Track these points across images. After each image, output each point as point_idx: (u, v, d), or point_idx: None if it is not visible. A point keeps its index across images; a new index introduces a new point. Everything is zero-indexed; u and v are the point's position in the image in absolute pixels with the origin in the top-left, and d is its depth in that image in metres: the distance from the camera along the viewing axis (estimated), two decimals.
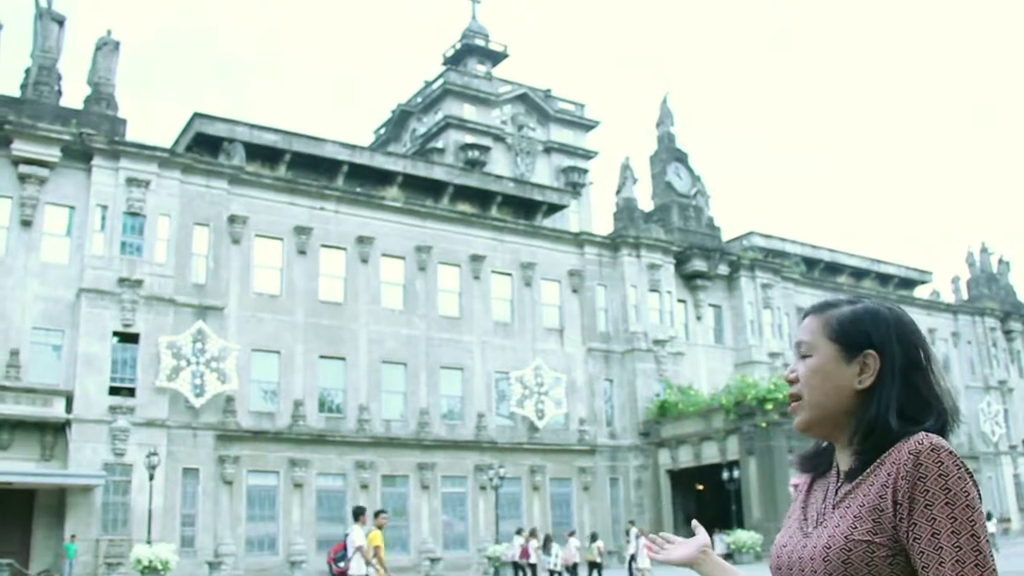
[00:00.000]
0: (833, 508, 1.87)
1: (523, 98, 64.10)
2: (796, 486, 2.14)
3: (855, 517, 1.78)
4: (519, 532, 29.86)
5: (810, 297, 50.83)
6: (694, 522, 2.41)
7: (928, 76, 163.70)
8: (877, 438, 1.83)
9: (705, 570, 2.18)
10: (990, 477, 56.47)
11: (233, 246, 36.31)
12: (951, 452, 1.74)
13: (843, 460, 1.94)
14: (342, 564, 13.56)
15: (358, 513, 14.21)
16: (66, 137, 33.00)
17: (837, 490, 1.90)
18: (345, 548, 13.70)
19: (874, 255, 66.07)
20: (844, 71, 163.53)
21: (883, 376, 1.88)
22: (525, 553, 26.78)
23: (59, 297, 32.43)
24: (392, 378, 38.78)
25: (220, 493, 33.69)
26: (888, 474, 1.77)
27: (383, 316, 39.03)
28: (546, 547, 28.13)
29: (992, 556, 1.70)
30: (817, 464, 2.04)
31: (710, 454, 39.88)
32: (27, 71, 35.50)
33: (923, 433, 1.79)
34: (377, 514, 14.45)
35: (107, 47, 36.46)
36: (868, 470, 1.82)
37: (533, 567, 26.31)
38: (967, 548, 1.67)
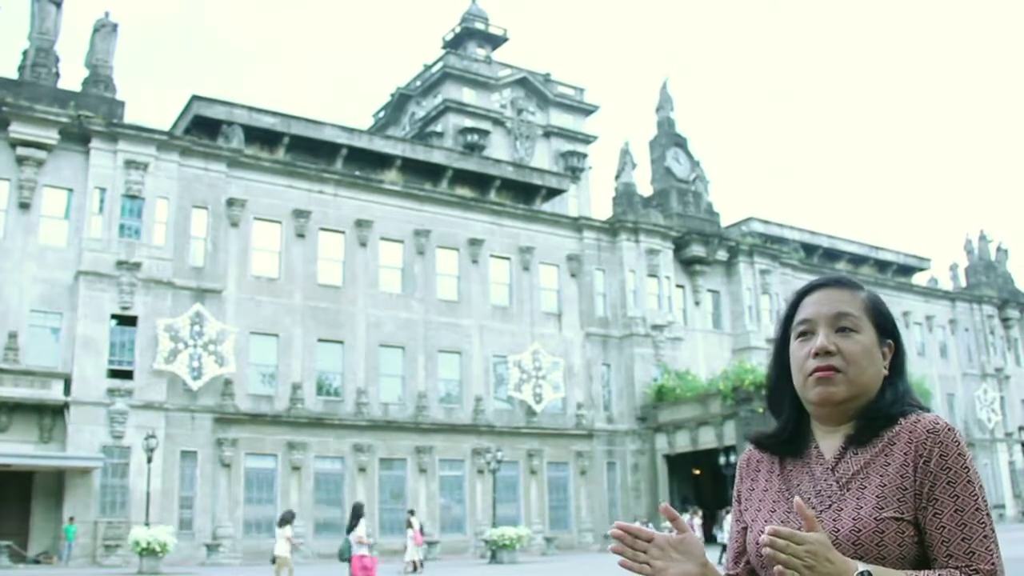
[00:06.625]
0: (841, 488, 1.83)
1: (522, 82, 63.94)
2: (744, 467, 2.06)
3: (879, 496, 1.77)
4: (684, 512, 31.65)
5: None
6: (663, 505, 1.98)
7: (928, 61, 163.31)
8: (882, 423, 1.85)
9: None
10: (986, 464, 56.70)
11: (231, 229, 36.27)
12: (960, 433, 1.80)
13: (828, 440, 1.91)
14: None
15: None
16: (64, 119, 32.90)
17: (834, 469, 1.86)
18: None
19: (873, 241, 66.15)
20: (844, 57, 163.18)
21: (896, 366, 1.93)
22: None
23: (57, 280, 32.41)
24: (390, 362, 38.82)
25: (218, 476, 33.78)
26: (905, 453, 1.79)
27: (381, 300, 39.04)
28: (717, 521, 29.98)
29: None
30: (788, 444, 1.98)
31: (707, 439, 39.99)
32: (24, 53, 35.36)
33: (933, 414, 1.83)
34: None
35: (105, 29, 36.31)
36: (877, 449, 1.82)
37: None
38: (988, 525, 1.73)
